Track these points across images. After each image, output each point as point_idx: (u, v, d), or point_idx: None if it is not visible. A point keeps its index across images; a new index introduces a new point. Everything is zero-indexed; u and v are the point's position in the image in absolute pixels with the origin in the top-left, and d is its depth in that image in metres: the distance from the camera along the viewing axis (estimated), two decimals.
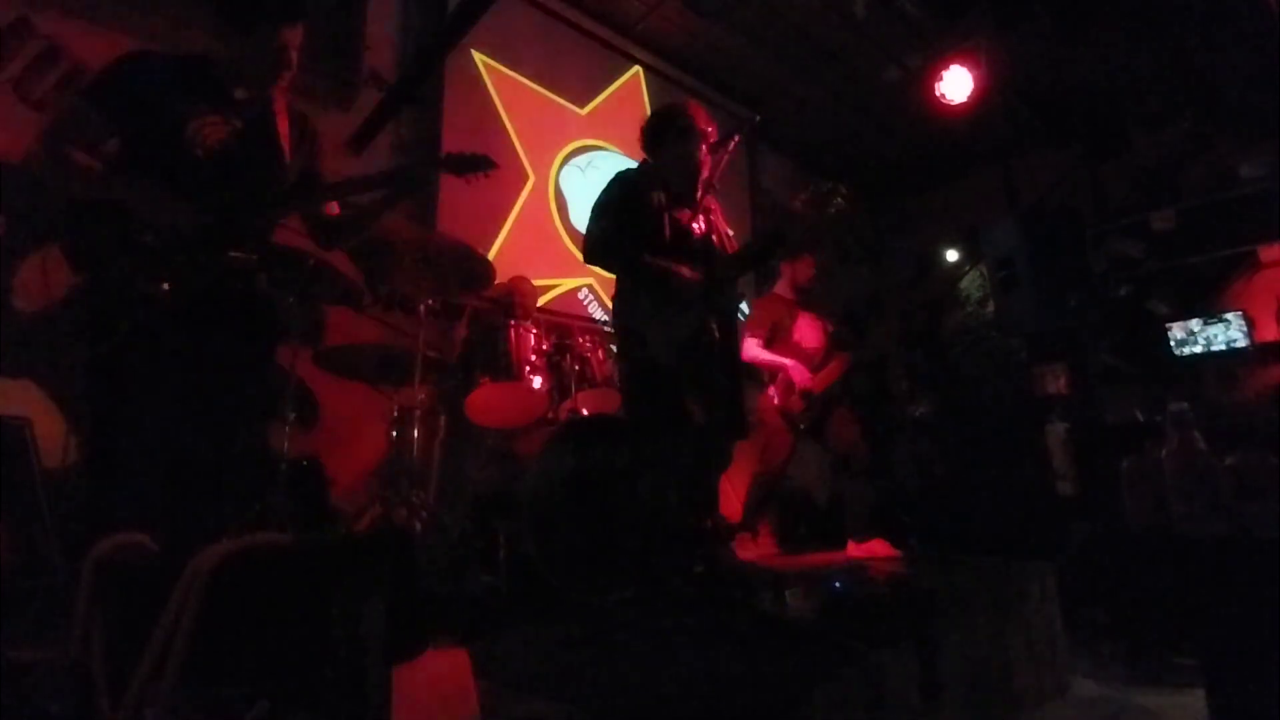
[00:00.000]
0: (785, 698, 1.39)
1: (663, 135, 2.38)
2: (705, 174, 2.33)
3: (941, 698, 1.85)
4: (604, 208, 2.28)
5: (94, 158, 1.60)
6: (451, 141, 3.78)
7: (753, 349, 3.25)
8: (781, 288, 3.46)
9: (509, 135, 4.11)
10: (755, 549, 3.15)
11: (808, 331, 3.32)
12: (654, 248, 2.21)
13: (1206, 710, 1.41)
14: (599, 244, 2.25)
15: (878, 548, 2.95)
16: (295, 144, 1.84)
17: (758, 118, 2.11)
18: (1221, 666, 1.39)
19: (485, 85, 4.03)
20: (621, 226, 2.22)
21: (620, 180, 2.36)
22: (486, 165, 1.90)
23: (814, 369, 3.21)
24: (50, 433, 2.18)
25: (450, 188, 3.73)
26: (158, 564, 1.03)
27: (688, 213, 2.32)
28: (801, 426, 3.17)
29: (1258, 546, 2.28)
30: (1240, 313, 4.65)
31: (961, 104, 4.37)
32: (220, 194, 1.65)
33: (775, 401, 3.23)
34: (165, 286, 1.54)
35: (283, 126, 1.81)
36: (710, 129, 2.36)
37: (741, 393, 2.32)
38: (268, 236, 1.83)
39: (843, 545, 3.07)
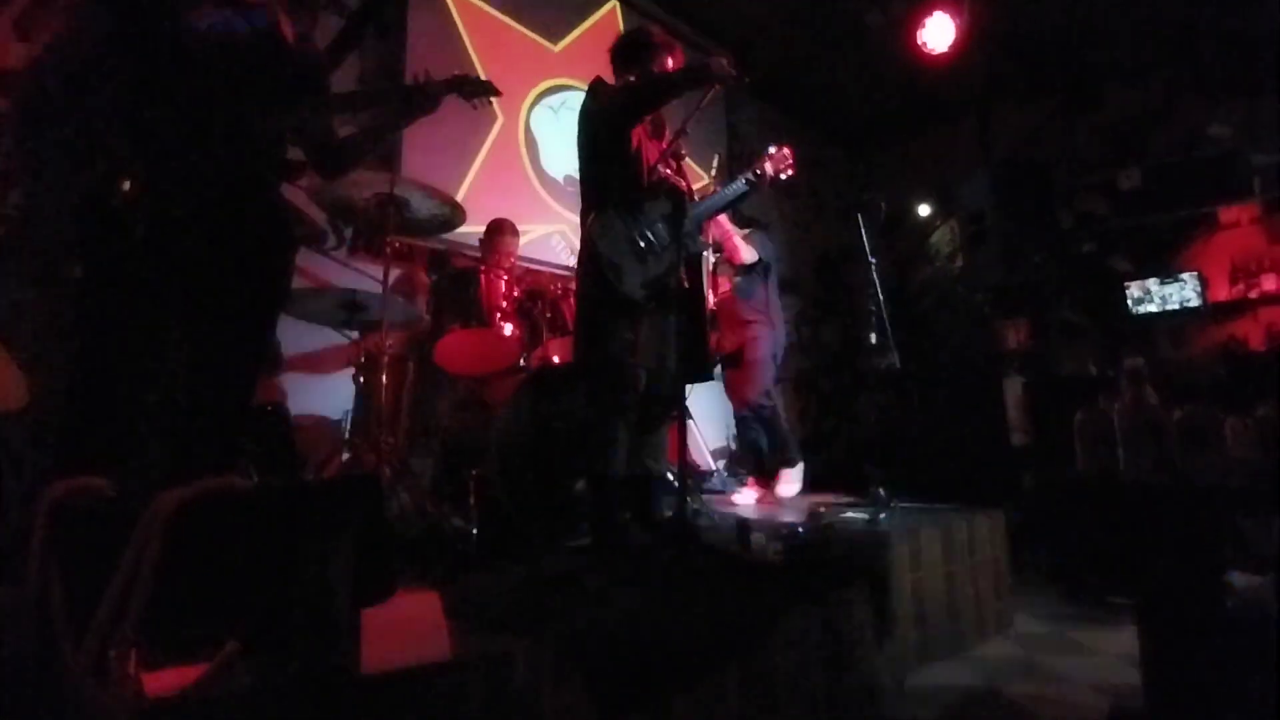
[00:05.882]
0: (747, 634, 1.45)
1: (637, 55, 2.25)
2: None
3: (893, 633, 1.96)
4: (593, 150, 2.21)
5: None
6: (414, 75, 3.60)
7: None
8: None
9: (476, 72, 3.93)
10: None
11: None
12: (629, 185, 2.14)
13: (1136, 645, 1.52)
14: (593, 188, 2.20)
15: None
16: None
17: (748, 79, 2.05)
18: (1153, 605, 1.49)
19: (451, 16, 3.83)
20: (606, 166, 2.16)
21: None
22: (492, 91, 1.97)
23: None
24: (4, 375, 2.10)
25: (416, 128, 3.57)
26: (117, 508, 1.01)
27: (658, 147, 2.25)
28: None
29: (1196, 494, 2.42)
30: (1196, 273, 4.78)
31: (943, 54, 4.31)
32: (226, 93, 1.51)
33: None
34: (128, 187, 1.39)
35: (288, 33, 1.71)
36: (679, 50, 2.28)
37: (706, 335, 2.33)
38: (281, 148, 1.69)
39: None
